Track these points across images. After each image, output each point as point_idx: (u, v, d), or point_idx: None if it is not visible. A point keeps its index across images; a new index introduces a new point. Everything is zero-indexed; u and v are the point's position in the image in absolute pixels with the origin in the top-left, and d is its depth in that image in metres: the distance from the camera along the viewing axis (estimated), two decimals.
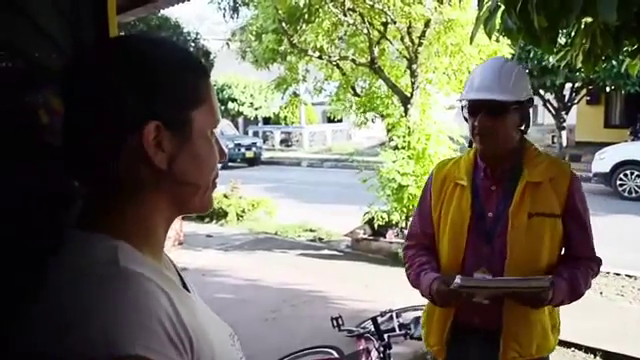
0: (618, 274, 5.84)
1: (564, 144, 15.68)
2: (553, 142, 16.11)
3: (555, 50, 3.05)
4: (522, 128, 1.96)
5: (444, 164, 2.12)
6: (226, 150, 0.89)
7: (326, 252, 7.64)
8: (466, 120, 1.96)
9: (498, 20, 2.56)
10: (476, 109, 1.89)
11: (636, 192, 10.77)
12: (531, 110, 2.03)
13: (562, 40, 3.55)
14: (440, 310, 1.99)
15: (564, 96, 15.36)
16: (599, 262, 1.98)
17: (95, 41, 1.00)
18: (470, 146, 2.06)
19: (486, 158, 1.97)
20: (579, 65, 3.01)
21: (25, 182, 0.90)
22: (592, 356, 4.08)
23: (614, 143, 12.30)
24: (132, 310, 0.68)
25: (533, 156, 1.96)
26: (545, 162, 1.94)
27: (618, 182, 10.93)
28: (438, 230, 2.04)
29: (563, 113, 15.50)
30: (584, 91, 15.64)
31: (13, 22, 0.95)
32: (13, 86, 0.91)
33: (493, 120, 1.86)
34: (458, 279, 1.73)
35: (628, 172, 10.85)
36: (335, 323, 3.35)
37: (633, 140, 14.46)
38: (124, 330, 0.66)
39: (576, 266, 1.90)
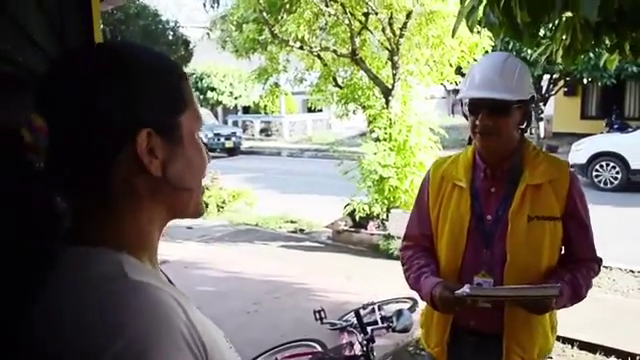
0: None
1: (542, 135, 15.87)
2: (531, 133, 16.24)
3: (535, 44, 3.08)
4: (522, 127, 1.90)
5: (441, 163, 2.05)
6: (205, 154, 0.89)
7: (307, 244, 7.66)
8: (466, 117, 1.90)
9: (480, 14, 2.57)
10: (478, 107, 1.82)
11: (611, 183, 10.96)
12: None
13: (542, 32, 3.57)
14: (439, 312, 1.94)
15: (542, 87, 15.54)
16: (599, 262, 1.95)
17: (79, 42, 0.97)
18: (469, 143, 1.99)
19: (486, 158, 1.92)
20: (559, 60, 3.04)
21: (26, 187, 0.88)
22: (570, 346, 4.15)
23: (590, 134, 12.50)
24: (155, 324, 0.68)
25: (532, 156, 1.90)
26: (544, 162, 1.89)
27: (594, 173, 11.10)
28: (436, 231, 1.99)
29: (541, 104, 15.69)
30: (561, 82, 15.86)
31: None
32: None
33: (495, 119, 1.80)
34: (467, 288, 1.69)
35: (604, 163, 11.04)
36: (318, 316, 3.36)
37: (609, 132, 14.71)
38: (150, 344, 0.66)
39: (577, 268, 1.87)
